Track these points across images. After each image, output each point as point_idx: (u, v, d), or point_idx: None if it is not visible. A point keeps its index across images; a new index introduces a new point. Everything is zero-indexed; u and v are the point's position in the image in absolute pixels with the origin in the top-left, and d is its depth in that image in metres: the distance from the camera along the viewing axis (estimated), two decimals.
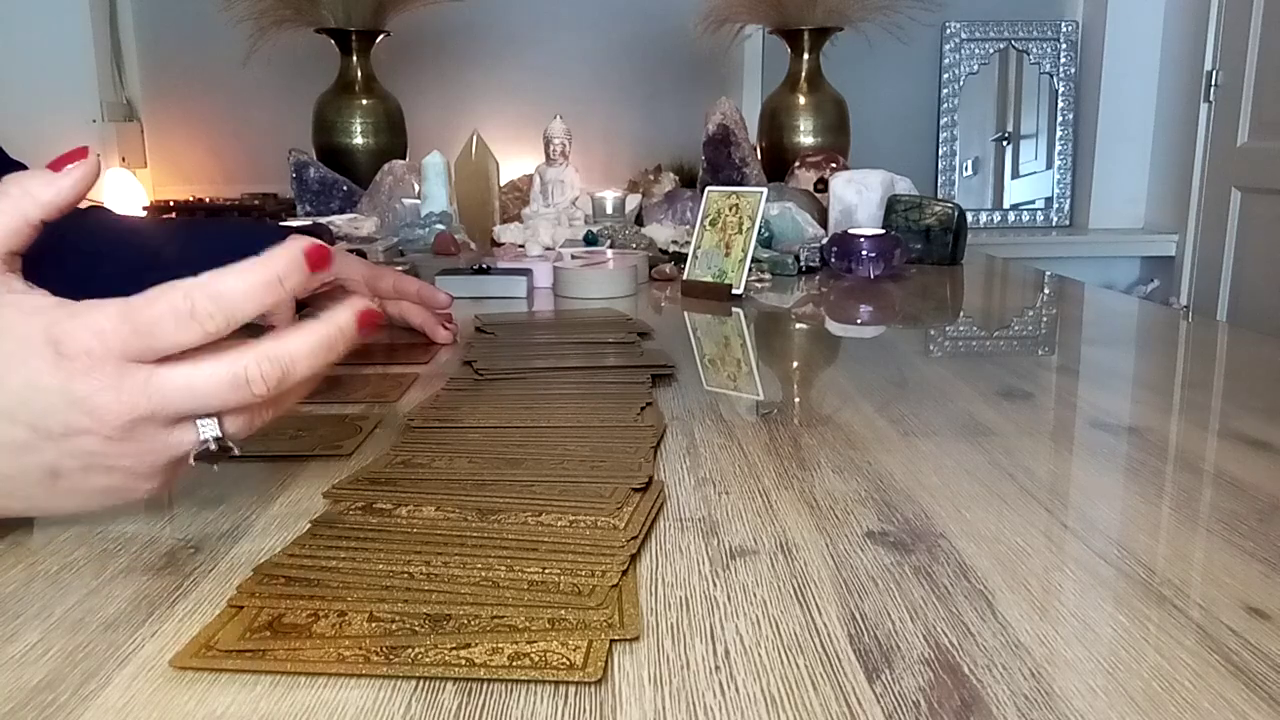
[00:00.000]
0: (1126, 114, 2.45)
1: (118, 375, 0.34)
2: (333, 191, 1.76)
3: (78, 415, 0.34)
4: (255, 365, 0.35)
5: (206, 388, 0.35)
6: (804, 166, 1.67)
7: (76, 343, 0.33)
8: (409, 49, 2.24)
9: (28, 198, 0.36)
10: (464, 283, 1.02)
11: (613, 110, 2.42)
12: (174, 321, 0.34)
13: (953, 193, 2.52)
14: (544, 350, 0.74)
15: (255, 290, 0.34)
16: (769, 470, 0.48)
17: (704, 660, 0.30)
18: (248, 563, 0.37)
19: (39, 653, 0.31)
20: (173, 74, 2.37)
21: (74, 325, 0.34)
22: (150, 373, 0.34)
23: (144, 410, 0.34)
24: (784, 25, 1.92)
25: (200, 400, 0.35)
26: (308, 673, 0.29)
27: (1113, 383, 0.67)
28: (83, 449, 0.35)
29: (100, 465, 0.35)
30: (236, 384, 0.35)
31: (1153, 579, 0.36)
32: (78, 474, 0.35)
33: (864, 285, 1.13)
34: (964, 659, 0.30)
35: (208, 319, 0.34)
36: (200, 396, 0.35)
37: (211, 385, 0.35)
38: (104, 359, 0.33)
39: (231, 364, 0.35)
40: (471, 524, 0.39)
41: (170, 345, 0.34)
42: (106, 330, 0.33)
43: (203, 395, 0.35)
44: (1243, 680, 0.29)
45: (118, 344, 0.33)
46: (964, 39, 2.49)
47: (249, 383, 0.35)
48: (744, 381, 0.69)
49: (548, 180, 1.53)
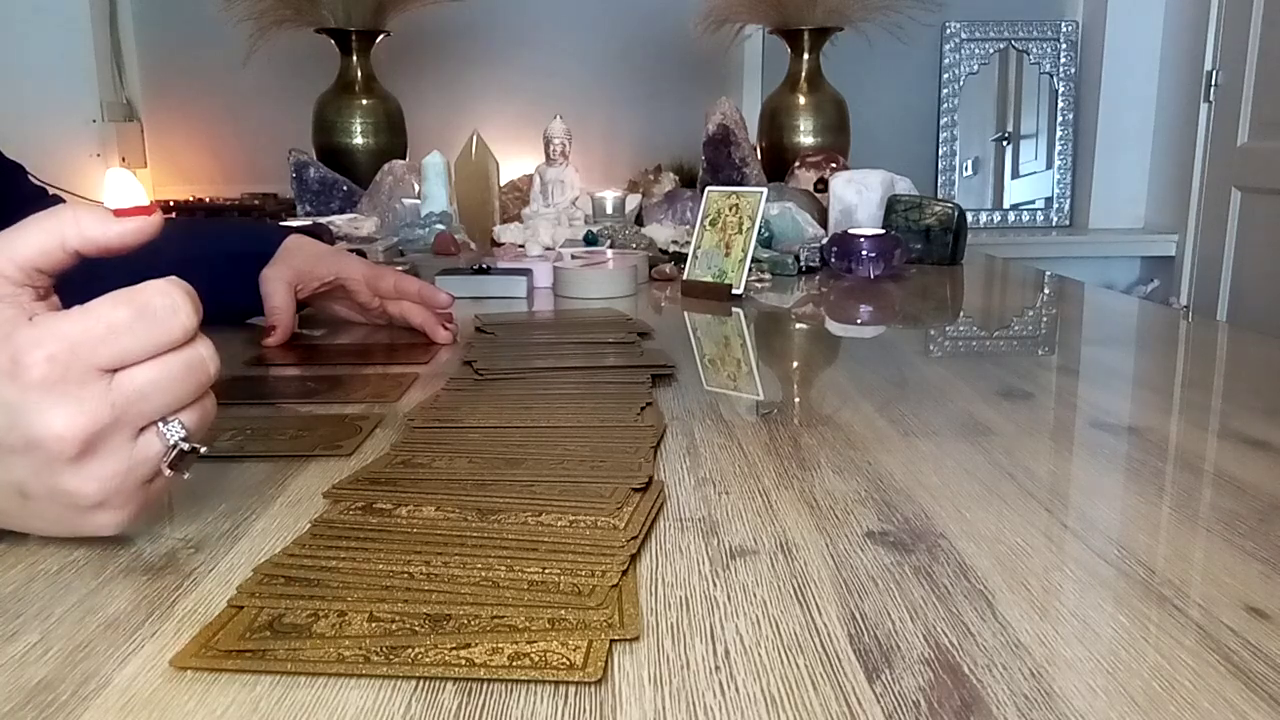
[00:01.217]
0: (1126, 114, 2.45)
1: (79, 385, 0.33)
2: (333, 191, 1.76)
3: (39, 430, 0.33)
4: (201, 345, 0.35)
5: (167, 382, 0.34)
6: (804, 166, 1.67)
7: (32, 355, 0.32)
8: (409, 49, 2.24)
9: (74, 226, 0.35)
10: (464, 283, 1.02)
11: (613, 110, 2.42)
12: (131, 323, 0.33)
13: (953, 193, 2.52)
14: (544, 350, 0.74)
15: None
16: (769, 470, 0.48)
17: (704, 660, 0.30)
18: (248, 563, 0.37)
19: (39, 653, 0.31)
20: (173, 74, 2.37)
21: (29, 337, 0.33)
22: (109, 379, 0.33)
23: (107, 418, 0.33)
24: (784, 25, 1.92)
25: (164, 397, 0.34)
26: (308, 673, 0.29)
27: (1113, 383, 0.67)
28: (48, 471, 0.34)
29: (65, 490, 0.34)
30: (191, 367, 0.35)
31: (1153, 579, 0.36)
32: (45, 500, 0.35)
33: (864, 285, 1.13)
34: (964, 659, 0.30)
35: (170, 315, 0.34)
36: (163, 393, 0.34)
37: (170, 377, 0.34)
38: (65, 370, 0.33)
39: (180, 352, 0.35)
40: (471, 524, 0.39)
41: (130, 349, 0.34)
42: (67, 339, 0.33)
43: (165, 391, 0.34)
44: (1243, 680, 0.29)
45: (81, 353, 0.33)
46: (964, 39, 2.49)
47: (202, 365, 0.35)
48: (744, 381, 0.69)
49: (548, 180, 1.53)
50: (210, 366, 0.36)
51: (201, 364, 0.36)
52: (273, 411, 0.60)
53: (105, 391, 0.33)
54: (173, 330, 0.34)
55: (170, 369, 0.35)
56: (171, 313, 0.34)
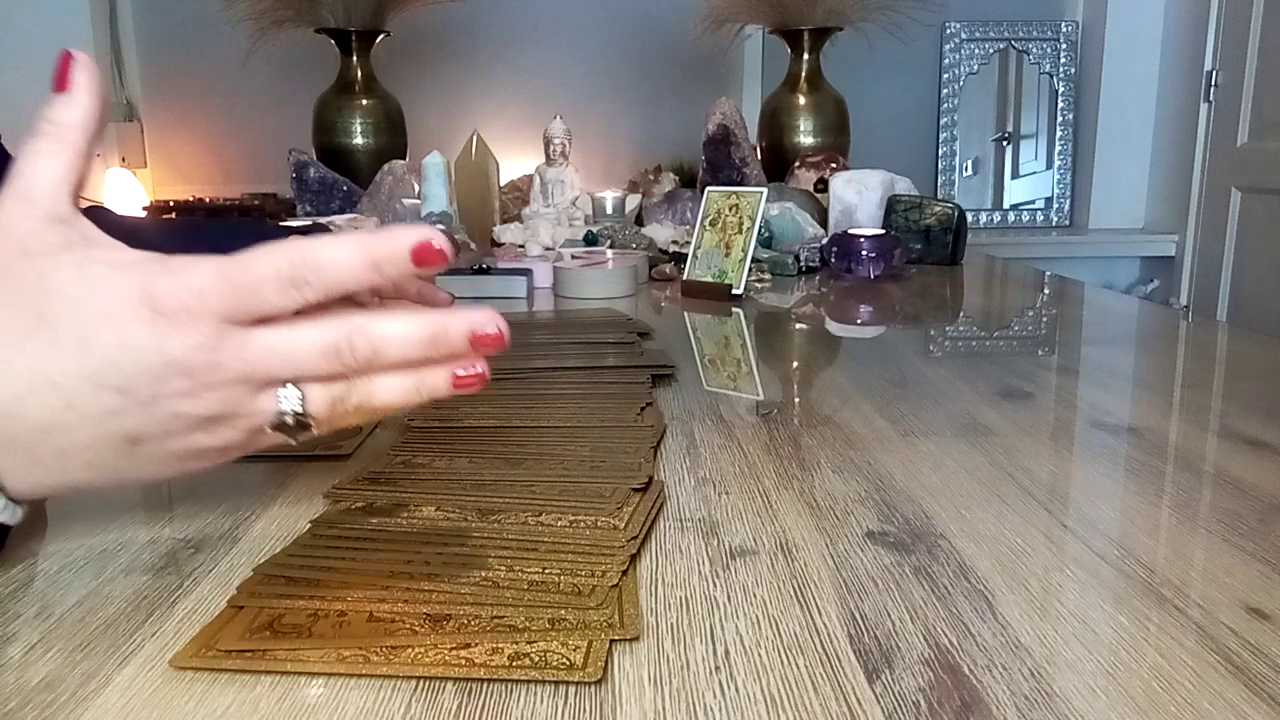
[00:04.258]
0: (1126, 114, 2.45)
1: (216, 336, 0.32)
2: (333, 191, 1.76)
3: (171, 376, 0.32)
4: (348, 335, 0.33)
5: (301, 351, 0.33)
6: (804, 166, 1.67)
7: (175, 300, 0.32)
8: (409, 49, 2.24)
9: (65, 128, 0.34)
10: (464, 283, 1.02)
11: (613, 110, 2.42)
12: (275, 285, 0.32)
13: (953, 193, 2.52)
14: (544, 350, 0.74)
15: (354, 266, 0.33)
16: (769, 470, 0.48)
17: (704, 660, 0.30)
18: (248, 563, 0.37)
19: (39, 653, 0.31)
20: (173, 74, 2.37)
21: (171, 283, 0.32)
22: (247, 334, 0.32)
23: (237, 372, 0.33)
24: (784, 25, 1.92)
25: (293, 364, 0.33)
26: (308, 673, 0.29)
27: (1113, 383, 0.67)
28: (169, 412, 0.33)
29: (183, 429, 0.33)
30: (327, 351, 0.33)
31: (1153, 579, 0.36)
32: (157, 440, 0.34)
33: (864, 285, 1.13)
34: (964, 659, 0.30)
35: (305, 286, 0.32)
36: (294, 360, 0.33)
37: (306, 349, 0.33)
38: (202, 318, 0.32)
39: (326, 330, 0.33)
40: (471, 524, 0.39)
41: (268, 309, 0.32)
42: (206, 289, 0.32)
43: (296, 359, 0.33)
44: (1243, 680, 0.29)
45: (216, 304, 0.32)
46: (964, 39, 2.49)
47: (340, 352, 0.33)
48: (744, 381, 0.69)
49: (548, 180, 1.53)
50: (347, 357, 0.33)
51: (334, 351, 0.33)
52: None
53: (241, 346, 0.32)
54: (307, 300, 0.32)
55: (308, 340, 0.33)
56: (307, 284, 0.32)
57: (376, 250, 0.33)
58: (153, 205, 2.11)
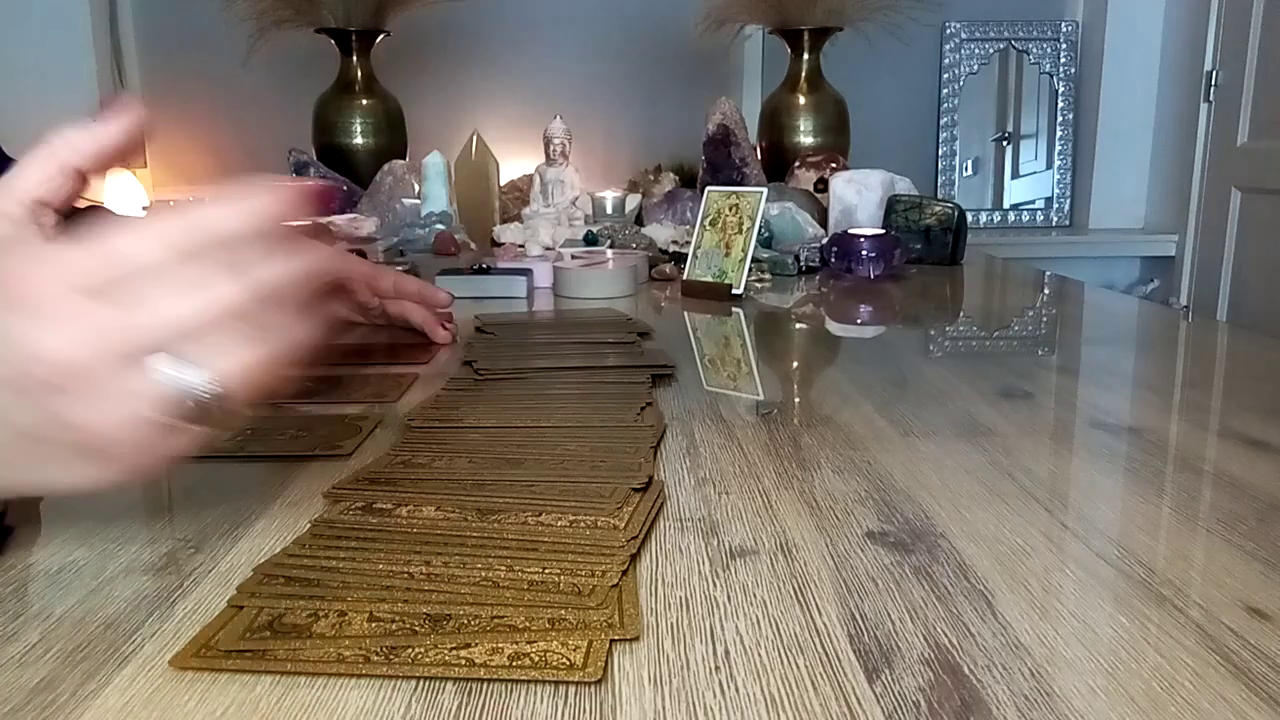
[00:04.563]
0: (1126, 114, 2.45)
1: (72, 312, 0.29)
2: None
3: (29, 360, 0.29)
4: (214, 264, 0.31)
5: (172, 306, 0.30)
6: (804, 166, 1.67)
7: (25, 280, 0.30)
8: (409, 49, 2.24)
9: (65, 145, 0.34)
10: (464, 283, 1.02)
11: (613, 110, 2.42)
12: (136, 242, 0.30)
13: (953, 193, 2.52)
14: (544, 350, 0.74)
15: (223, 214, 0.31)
16: (769, 470, 0.48)
17: (704, 660, 0.30)
18: (248, 563, 0.37)
19: (39, 653, 0.31)
20: (173, 74, 2.37)
21: (23, 259, 0.30)
22: (110, 306, 0.30)
23: (100, 346, 0.30)
24: (784, 25, 1.92)
25: (169, 323, 0.30)
26: (308, 673, 0.29)
27: (1113, 383, 0.67)
28: (49, 404, 0.30)
29: (70, 424, 0.30)
30: (198, 286, 0.30)
31: (1153, 579, 0.36)
32: (55, 441, 0.31)
33: (864, 285, 1.13)
34: (964, 659, 0.30)
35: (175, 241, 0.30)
36: (168, 318, 0.30)
37: (176, 301, 0.30)
38: (58, 296, 0.30)
39: (190, 273, 0.30)
40: (471, 524, 0.39)
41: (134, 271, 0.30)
42: (62, 263, 0.30)
43: (170, 316, 0.30)
44: (1243, 680, 0.29)
45: (75, 278, 0.30)
46: (964, 39, 2.49)
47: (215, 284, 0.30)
48: (744, 381, 0.69)
49: (548, 180, 1.53)
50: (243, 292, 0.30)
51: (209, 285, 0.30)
52: (272, 411, 0.60)
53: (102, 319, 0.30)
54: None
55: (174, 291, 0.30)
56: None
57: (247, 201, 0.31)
58: (153, 205, 2.11)
